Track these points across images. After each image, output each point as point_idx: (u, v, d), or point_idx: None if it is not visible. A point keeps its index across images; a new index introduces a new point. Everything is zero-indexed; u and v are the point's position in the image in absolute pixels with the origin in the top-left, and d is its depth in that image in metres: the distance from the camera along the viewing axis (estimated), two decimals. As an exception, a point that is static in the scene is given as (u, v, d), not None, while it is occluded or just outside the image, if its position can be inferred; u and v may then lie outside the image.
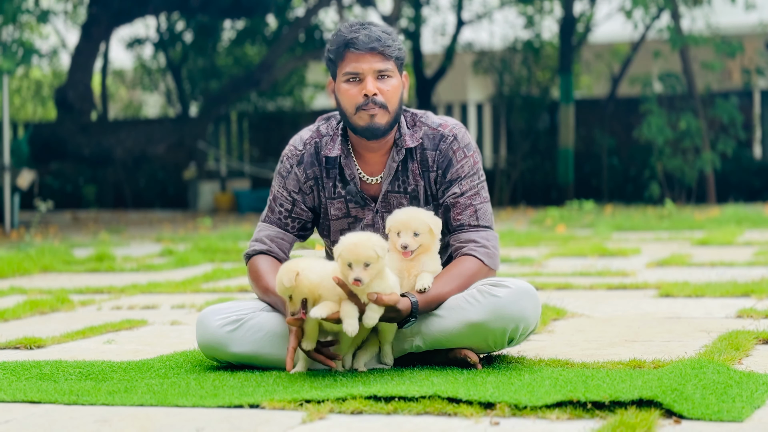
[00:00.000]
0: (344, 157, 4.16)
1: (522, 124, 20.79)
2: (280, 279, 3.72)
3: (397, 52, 4.06)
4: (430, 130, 4.16)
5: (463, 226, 4.10)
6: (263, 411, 3.36)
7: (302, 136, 4.26)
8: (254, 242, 4.24)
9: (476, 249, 4.05)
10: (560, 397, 3.25)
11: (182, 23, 22.70)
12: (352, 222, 4.18)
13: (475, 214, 4.10)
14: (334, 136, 4.19)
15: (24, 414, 3.45)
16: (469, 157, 4.14)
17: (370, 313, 3.72)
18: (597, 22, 21.29)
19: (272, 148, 22.63)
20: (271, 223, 4.25)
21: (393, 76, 4.05)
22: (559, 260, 8.70)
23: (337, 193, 4.18)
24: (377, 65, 4.01)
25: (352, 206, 4.18)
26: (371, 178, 4.16)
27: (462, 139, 4.15)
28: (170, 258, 9.75)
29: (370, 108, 4.02)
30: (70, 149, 19.22)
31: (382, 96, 4.03)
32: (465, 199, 4.11)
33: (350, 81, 4.04)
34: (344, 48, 4.03)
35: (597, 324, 5.18)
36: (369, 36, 4.00)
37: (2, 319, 5.85)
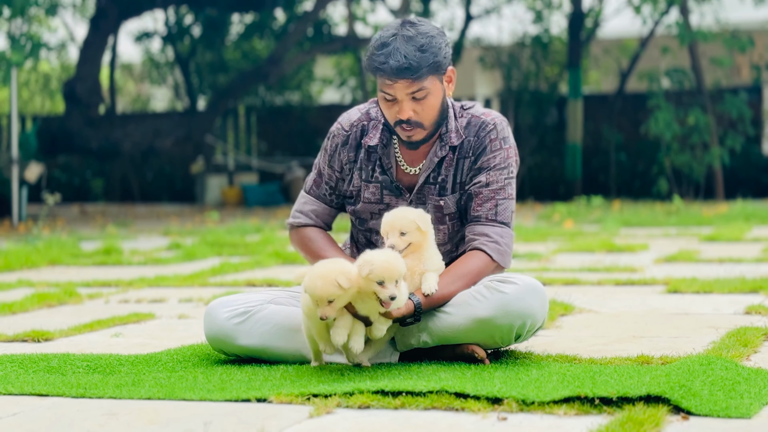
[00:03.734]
0: (382, 146, 4.15)
1: (530, 119, 20.77)
2: (332, 280, 3.60)
3: (432, 66, 3.93)
4: (474, 118, 4.14)
5: (480, 218, 4.07)
6: (270, 405, 3.36)
7: (351, 116, 4.24)
8: (300, 214, 4.28)
9: (487, 244, 4.03)
10: (568, 393, 3.24)
11: (191, 17, 22.70)
12: (383, 209, 4.15)
13: (495, 209, 4.07)
14: (378, 122, 4.18)
15: (32, 407, 3.45)
16: (504, 149, 4.10)
17: (379, 326, 3.72)
18: (606, 17, 21.26)
19: (280, 142, 22.63)
20: (317, 197, 4.28)
21: (429, 93, 3.96)
22: (567, 256, 8.69)
23: (374, 177, 4.17)
24: (410, 88, 3.93)
25: (386, 193, 4.16)
26: (411, 168, 4.15)
27: (501, 131, 4.11)
28: (178, 252, 9.76)
29: (405, 128, 4.00)
30: (78, 142, 19.23)
31: (417, 116, 3.98)
32: (488, 192, 4.07)
33: (386, 99, 3.99)
34: (375, 71, 3.97)
35: (605, 320, 5.18)
36: (399, 64, 3.88)
37: (10, 312, 5.86)
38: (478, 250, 4.03)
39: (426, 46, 3.93)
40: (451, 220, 4.14)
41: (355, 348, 3.69)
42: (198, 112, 21.98)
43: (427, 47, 3.93)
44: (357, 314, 3.71)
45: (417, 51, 3.91)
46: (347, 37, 21.07)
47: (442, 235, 4.15)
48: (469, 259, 4.00)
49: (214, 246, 10.17)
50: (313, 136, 22.36)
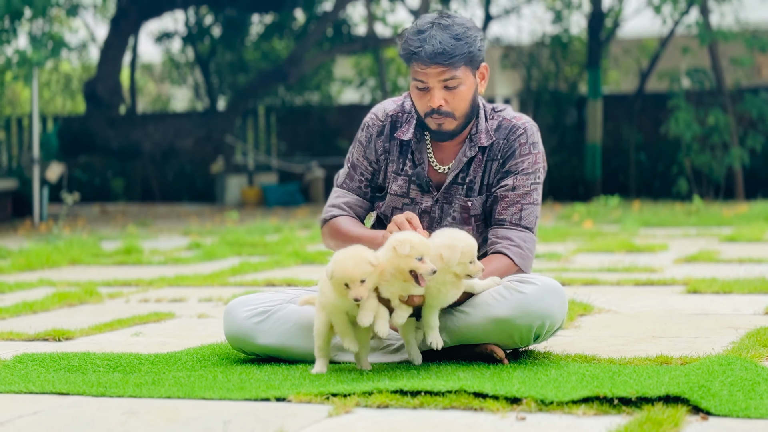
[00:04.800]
0: (416, 141, 4.16)
1: (549, 119, 20.73)
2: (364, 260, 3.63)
3: (466, 56, 3.96)
4: (505, 122, 4.14)
5: (504, 222, 4.08)
6: (290, 404, 3.37)
7: (386, 107, 4.25)
8: (332, 208, 4.24)
9: (510, 248, 4.03)
10: (587, 393, 3.24)
11: (211, 17, 22.74)
12: (408, 203, 4.16)
13: (519, 213, 4.07)
14: (412, 116, 4.19)
15: (52, 405, 3.47)
16: (533, 154, 4.11)
17: (400, 312, 3.73)
18: (625, 17, 21.20)
19: (299, 142, 22.66)
20: (350, 190, 4.25)
21: (462, 83, 3.98)
22: (586, 256, 8.68)
23: (404, 170, 4.17)
24: (443, 75, 3.95)
25: (413, 188, 4.17)
26: (441, 167, 4.15)
27: (531, 136, 4.12)
28: (198, 251, 9.78)
29: (436, 117, 4.01)
30: (98, 142, 19.29)
31: (449, 105, 3.99)
32: (514, 195, 4.08)
33: (418, 87, 4.01)
34: (409, 57, 3.99)
35: (624, 320, 5.17)
36: (434, 49, 3.92)
37: (31, 311, 5.89)
38: (500, 254, 4.04)
39: (461, 36, 3.97)
40: (476, 221, 4.14)
41: (381, 332, 3.68)
42: (218, 112, 22.01)
43: (462, 36, 3.97)
44: (380, 297, 3.71)
45: (452, 39, 3.95)
46: (367, 37, 21.07)
47: None
48: (491, 261, 4.01)
49: (234, 246, 10.19)
50: (332, 136, 22.38)
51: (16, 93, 24.77)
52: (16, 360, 4.11)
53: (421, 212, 4.16)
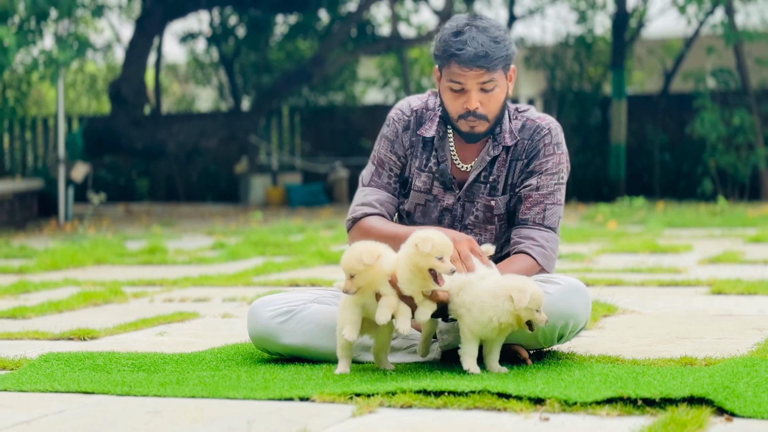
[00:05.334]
0: (439, 139, 4.16)
1: (573, 119, 20.67)
2: (357, 255, 3.66)
3: (504, 59, 3.97)
4: (529, 122, 4.14)
5: (527, 222, 4.07)
6: (313, 404, 3.38)
7: (411, 102, 4.24)
8: (362, 206, 4.18)
9: (533, 247, 4.03)
10: (610, 394, 3.24)
11: (235, 18, 22.78)
12: (430, 200, 4.16)
13: (542, 213, 4.07)
14: (435, 114, 4.18)
15: (77, 404, 3.48)
16: (557, 155, 4.11)
17: (423, 309, 3.72)
18: (650, 17, 21.13)
19: (323, 142, 22.67)
20: (379, 187, 4.20)
21: (498, 85, 3.99)
22: (610, 256, 8.66)
23: (428, 167, 4.17)
24: (482, 78, 3.95)
25: (436, 185, 4.16)
26: (464, 165, 4.15)
27: (555, 136, 4.12)
28: (222, 251, 9.80)
29: (470, 120, 4.01)
30: (123, 143, 19.35)
31: (484, 108, 4.00)
32: (538, 195, 4.08)
33: (453, 89, 4.00)
34: (449, 58, 3.97)
35: (648, 320, 5.16)
36: (476, 51, 3.92)
37: (56, 311, 5.91)
38: (523, 254, 4.03)
39: (500, 39, 3.98)
40: (500, 221, 4.14)
41: (402, 329, 3.67)
42: (242, 113, 22.05)
43: (500, 40, 3.98)
44: (402, 294, 3.70)
45: (492, 42, 3.96)
46: (391, 37, 21.07)
47: (489, 235, 4.16)
48: (514, 261, 4.00)
49: (258, 246, 10.21)
50: (356, 136, 22.38)
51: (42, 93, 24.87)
52: (41, 359, 4.13)
53: (442, 210, 4.16)
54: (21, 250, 10.16)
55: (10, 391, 3.71)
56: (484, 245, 3.90)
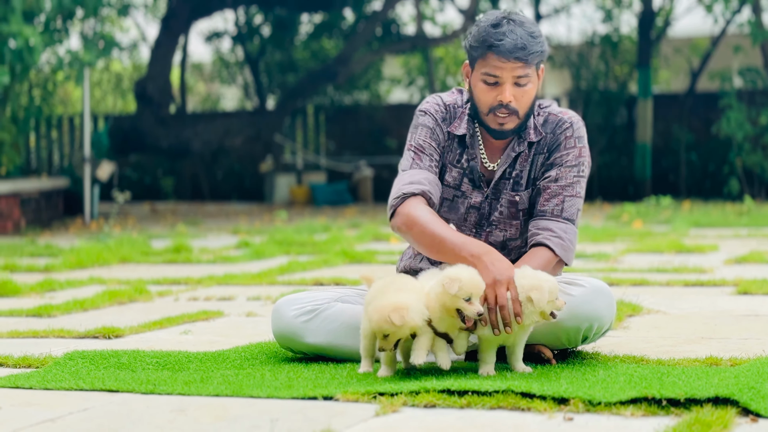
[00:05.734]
0: (470, 136, 4.15)
1: (599, 118, 20.61)
2: (386, 317, 3.57)
3: (539, 55, 3.97)
4: (551, 116, 4.13)
5: (545, 213, 4.06)
6: (337, 403, 3.38)
7: (443, 97, 4.21)
8: (409, 184, 4.02)
9: (550, 239, 4.01)
10: (635, 394, 3.23)
11: (260, 17, 22.81)
12: (458, 196, 4.14)
13: (561, 205, 4.05)
14: (463, 112, 4.18)
15: (102, 402, 3.50)
16: (577, 148, 4.09)
17: (460, 342, 3.71)
18: (676, 16, 21.05)
19: (348, 141, 22.68)
20: (423, 169, 4.08)
21: (531, 81, 3.98)
22: (636, 256, 8.63)
23: (459, 162, 4.16)
24: (517, 71, 3.94)
25: (466, 181, 4.15)
26: (491, 163, 4.15)
27: (577, 130, 4.11)
28: (246, 250, 9.82)
29: (502, 113, 3.99)
30: (148, 141, 19.41)
31: (516, 103, 3.98)
32: (557, 187, 4.06)
33: (488, 82, 3.99)
34: (487, 49, 3.95)
35: (673, 321, 5.14)
36: (515, 43, 3.91)
37: (81, 309, 5.94)
38: (541, 246, 4.01)
39: (536, 34, 3.98)
40: (524, 215, 4.14)
41: (444, 365, 3.66)
42: (267, 112, 22.08)
43: (537, 35, 3.98)
44: (437, 331, 3.68)
45: (529, 36, 3.95)
46: (416, 36, 21.06)
47: (514, 230, 4.15)
48: (532, 256, 3.98)
49: (283, 245, 10.22)
50: (381, 135, 22.37)
51: (68, 92, 24.98)
52: (66, 357, 4.15)
53: (469, 207, 4.15)
54: (47, 249, 10.21)
55: (35, 389, 3.72)
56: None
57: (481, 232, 4.14)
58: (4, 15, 12.59)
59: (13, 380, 3.83)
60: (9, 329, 5.17)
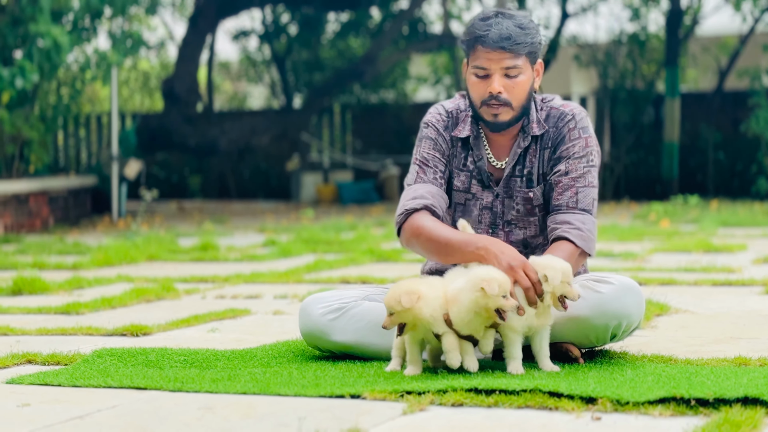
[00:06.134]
0: (473, 138, 4.16)
1: (626, 117, 20.54)
2: (397, 296, 3.65)
3: (529, 47, 4.00)
4: (553, 110, 4.14)
5: (561, 207, 4.05)
6: (364, 401, 3.38)
7: (445, 105, 4.26)
8: (412, 200, 4.09)
9: (570, 231, 3.99)
10: (663, 394, 3.22)
11: (287, 15, 22.84)
12: (469, 198, 4.17)
13: (575, 196, 4.04)
14: (467, 115, 4.19)
15: (130, 399, 3.51)
16: (583, 138, 4.09)
17: (487, 341, 3.71)
18: (704, 14, 20.95)
19: (375, 140, 22.69)
20: (427, 182, 4.15)
21: (522, 72, 4.01)
22: (663, 255, 8.60)
23: (465, 166, 4.18)
24: (505, 62, 3.98)
25: (474, 183, 4.16)
26: (498, 162, 4.15)
27: (580, 121, 4.11)
28: (273, 248, 9.84)
29: (493, 105, 4.02)
30: (176, 140, 19.46)
31: (508, 94, 4.00)
32: (568, 180, 4.06)
33: (478, 75, 4.03)
34: (474, 42, 4.02)
35: (701, 320, 5.12)
36: (500, 33, 3.96)
37: (109, 307, 5.96)
38: (562, 240, 4.00)
39: (525, 26, 4.03)
40: (540, 211, 4.14)
41: (471, 368, 3.67)
42: (294, 110, 22.11)
43: (526, 27, 4.02)
44: (460, 335, 3.68)
45: (517, 27, 4.01)
46: (442, 35, 21.03)
47: (534, 228, 4.15)
48: (554, 251, 3.96)
49: (309, 243, 10.23)
50: (407, 134, 22.36)
51: (96, 91, 25.07)
52: (95, 354, 4.17)
53: (482, 208, 4.16)
54: (75, 247, 10.25)
55: (64, 387, 3.74)
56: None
57: (497, 232, 4.15)
58: (33, 14, 12.65)
59: (42, 377, 3.85)
60: (38, 326, 5.20)
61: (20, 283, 6.74)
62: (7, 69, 12.31)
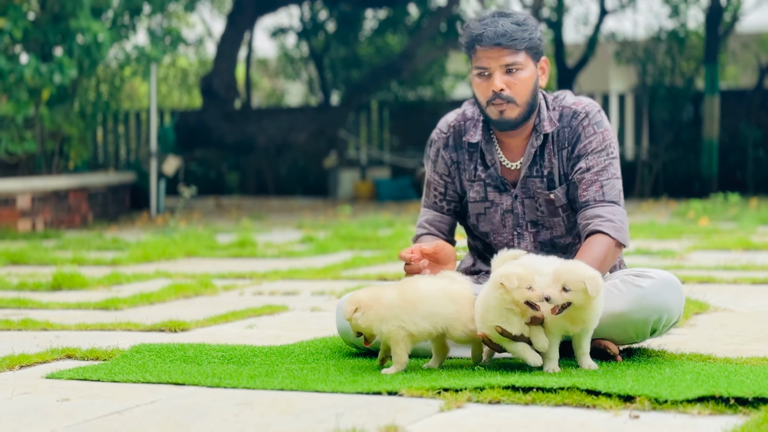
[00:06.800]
0: (485, 142, 4.17)
1: (665, 115, 20.45)
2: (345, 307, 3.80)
3: (528, 42, 4.01)
4: (565, 109, 4.14)
5: (588, 202, 4.03)
6: (401, 398, 3.38)
7: (448, 119, 4.28)
8: (417, 228, 4.31)
9: (602, 224, 3.98)
10: (702, 392, 3.20)
11: (325, 12, 22.88)
12: (489, 206, 4.18)
13: (601, 190, 4.03)
14: (477, 120, 4.20)
15: (168, 395, 3.52)
16: (599, 133, 4.09)
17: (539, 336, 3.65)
18: (744, 11, 20.83)
19: (412, 137, 22.69)
20: (428, 207, 4.31)
21: (523, 68, 4.01)
22: (702, 253, 8.55)
23: (477, 176, 4.19)
24: (505, 59, 3.99)
25: (490, 190, 4.17)
26: (512, 164, 4.15)
27: (593, 117, 4.11)
28: (310, 245, 9.85)
29: (498, 103, 4.02)
30: (214, 137, 19.54)
31: (510, 90, 4.01)
32: (591, 175, 4.04)
33: (480, 75, 4.04)
34: (473, 43, 4.04)
35: (741, 319, 5.09)
36: (496, 30, 3.98)
37: (148, 302, 5.99)
38: (596, 233, 3.98)
39: (521, 23, 4.05)
40: (564, 211, 4.12)
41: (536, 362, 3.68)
42: (331, 107, 22.14)
43: (523, 23, 4.05)
44: (514, 336, 3.66)
45: (513, 24, 4.03)
46: (480, 32, 21.00)
47: (560, 228, 4.14)
48: (591, 245, 3.93)
49: (347, 240, 10.24)
50: (445, 131, 22.36)
51: (135, 87, 25.21)
52: (133, 350, 4.19)
53: (503, 212, 4.16)
54: (114, 243, 10.31)
55: (103, 381, 3.76)
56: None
57: (522, 233, 4.15)
58: (73, 10, 12.73)
59: (81, 372, 3.88)
60: (77, 322, 5.23)
61: (60, 279, 6.78)
62: (45, 65, 12.40)
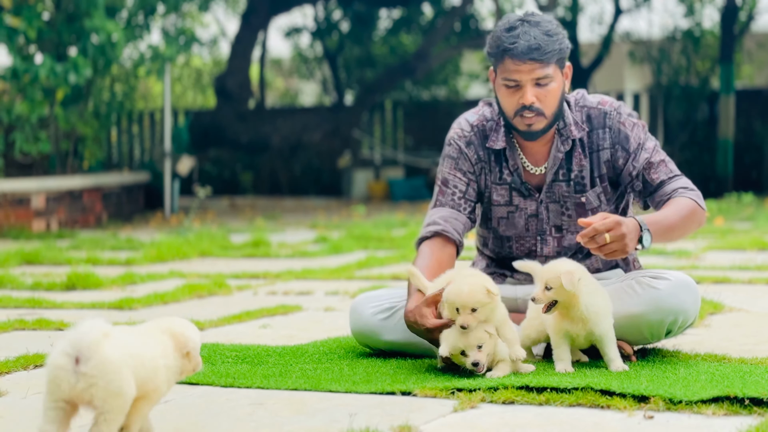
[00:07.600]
0: (509, 149, 4.15)
1: (680, 114, 20.40)
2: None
3: (558, 53, 3.97)
4: (592, 110, 4.13)
5: (663, 182, 4.07)
6: (415, 398, 3.38)
7: (468, 118, 4.24)
8: (427, 225, 4.15)
9: (687, 192, 4.04)
10: (717, 393, 3.19)
11: (339, 12, 22.89)
12: (512, 211, 4.16)
13: (666, 168, 4.09)
14: (497, 125, 4.17)
15: (183, 395, 3.53)
16: (638, 123, 4.13)
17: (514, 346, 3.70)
18: (760, 10, 20.76)
19: (426, 137, 22.67)
20: (443, 205, 4.18)
21: (553, 80, 3.98)
22: (717, 253, 8.53)
23: (502, 179, 4.17)
24: (536, 73, 3.95)
25: (515, 195, 4.16)
26: (535, 168, 4.14)
27: (623, 110, 4.15)
28: (324, 245, 9.85)
29: (527, 115, 3.99)
30: (228, 136, 19.55)
31: (540, 103, 3.98)
32: (654, 161, 4.08)
33: (508, 86, 4.00)
34: (502, 54, 3.97)
35: (756, 319, 5.07)
36: (528, 44, 3.92)
37: (162, 302, 6.00)
38: (682, 198, 4.00)
39: (552, 33, 3.99)
40: (593, 214, 4.11)
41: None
42: (345, 107, 22.14)
43: (553, 33, 3.99)
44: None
45: (544, 35, 3.97)
46: (494, 31, 20.99)
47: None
48: (678, 201, 3.99)
49: (360, 240, 10.24)
50: (459, 131, 22.36)
51: (149, 87, 25.25)
52: (147, 349, 4.18)
53: (528, 217, 4.15)
54: (128, 242, 10.33)
55: (116, 381, 3.76)
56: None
57: (545, 238, 4.14)
58: (88, 10, 12.75)
59: (96, 372, 3.87)
60: (91, 321, 5.23)
61: (74, 279, 6.80)
62: (60, 64, 12.42)
